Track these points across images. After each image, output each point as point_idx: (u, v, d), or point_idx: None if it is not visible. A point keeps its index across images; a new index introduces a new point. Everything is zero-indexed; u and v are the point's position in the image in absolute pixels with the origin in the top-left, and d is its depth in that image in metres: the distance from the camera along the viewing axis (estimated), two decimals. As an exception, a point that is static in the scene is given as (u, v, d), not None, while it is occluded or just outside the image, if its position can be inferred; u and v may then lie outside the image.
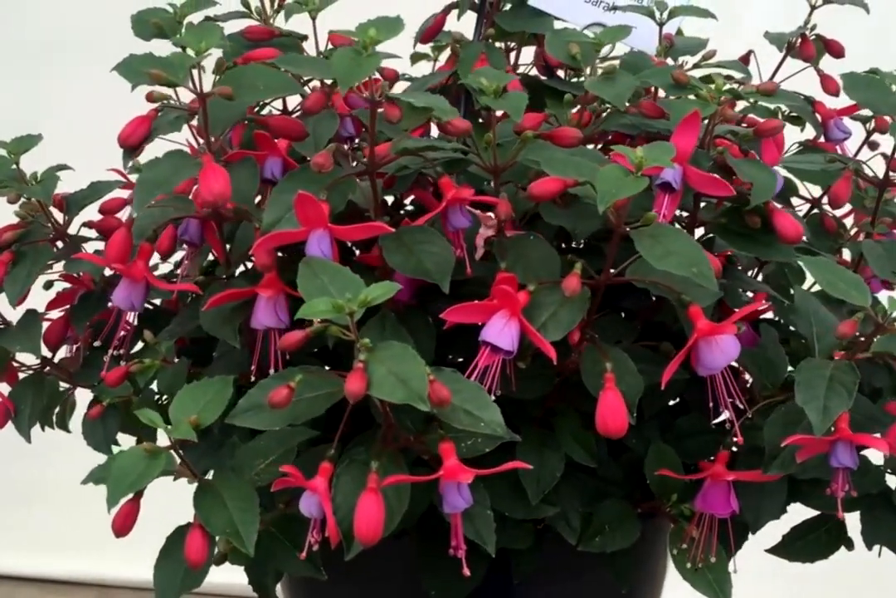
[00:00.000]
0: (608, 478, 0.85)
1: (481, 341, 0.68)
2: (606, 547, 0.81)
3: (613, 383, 0.70)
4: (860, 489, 0.83)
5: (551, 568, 0.86)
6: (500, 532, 0.79)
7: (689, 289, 0.73)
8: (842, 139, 0.99)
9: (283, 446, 0.71)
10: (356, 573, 0.86)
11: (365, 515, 0.62)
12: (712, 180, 0.73)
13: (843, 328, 0.71)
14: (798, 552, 0.91)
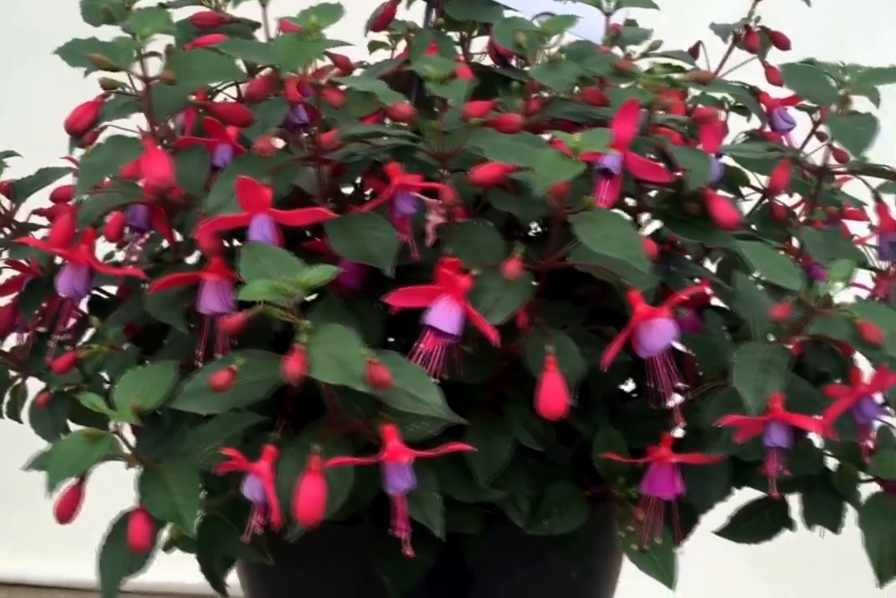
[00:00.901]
0: (557, 462, 0.86)
1: (425, 324, 0.69)
2: (554, 530, 0.82)
3: (554, 365, 0.71)
4: (800, 471, 0.85)
5: (504, 552, 0.87)
6: (450, 517, 0.80)
7: (629, 273, 0.74)
8: (786, 129, 1.00)
9: (230, 431, 0.72)
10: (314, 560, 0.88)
11: (305, 496, 0.62)
12: (650, 166, 0.74)
13: (776, 312, 0.72)
14: (743, 533, 0.92)
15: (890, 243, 0.87)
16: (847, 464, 0.87)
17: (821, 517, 0.88)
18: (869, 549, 0.82)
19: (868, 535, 0.82)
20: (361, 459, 0.66)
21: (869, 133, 0.81)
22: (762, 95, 0.99)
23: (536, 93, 0.85)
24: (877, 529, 0.83)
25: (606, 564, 0.93)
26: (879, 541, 0.82)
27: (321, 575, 0.91)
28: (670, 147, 0.76)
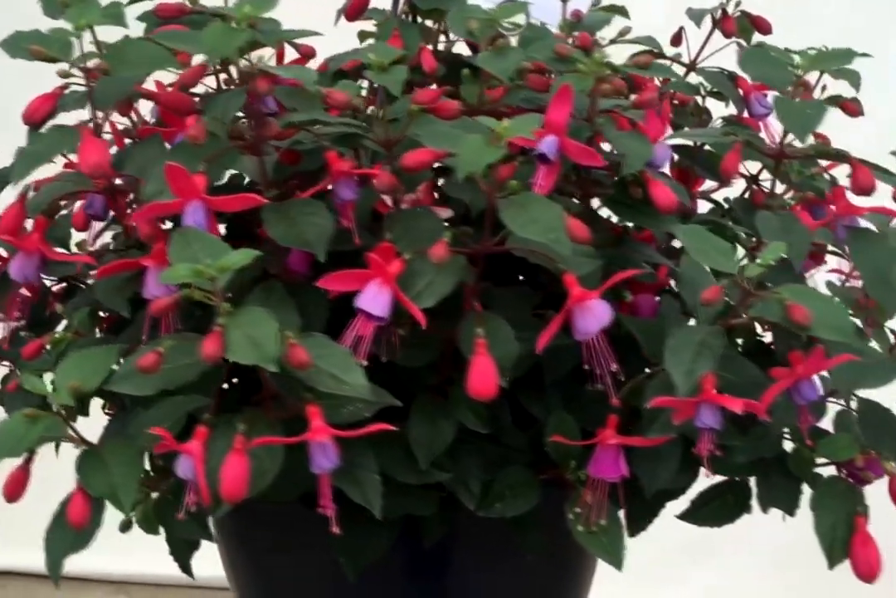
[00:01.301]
0: (513, 446, 0.87)
1: (356, 307, 0.70)
2: (506, 513, 0.83)
3: (484, 348, 0.72)
4: (755, 454, 0.85)
5: (461, 534, 0.88)
6: (404, 499, 0.82)
7: (570, 259, 0.75)
8: (764, 114, 1.00)
9: (176, 413, 0.73)
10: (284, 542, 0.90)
11: (228, 475, 0.64)
12: (586, 151, 0.75)
13: (706, 295, 0.73)
14: (705, 517, 0.92)
15: (845, 227, 0.87)
16: (802, 447, 0.87)
17: (777, 501, 0.88)
18: (820, 531, 0.82)
19: (819, 517, 0.82)
20: (285, 438, 0.67)
21: (816, 117, 0.81)
22: (739, 81, 0.99)
23: (488, 80, 0.86)
24: (829, 511, 0.83)
25: (567, 546, 0.93)
26: (832, 522, 0.82)
27: (290, 557, 0.93)
28: (610, 133, 0.77)
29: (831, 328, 0.71)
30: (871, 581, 0.80)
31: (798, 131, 0.81)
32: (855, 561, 0.80)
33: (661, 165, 0.83)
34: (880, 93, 1.43)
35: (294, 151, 0.81)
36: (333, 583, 0.88)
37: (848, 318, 0.72)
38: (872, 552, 0.80)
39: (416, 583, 0.93)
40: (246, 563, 0.96)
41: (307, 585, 0.93)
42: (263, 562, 0.94)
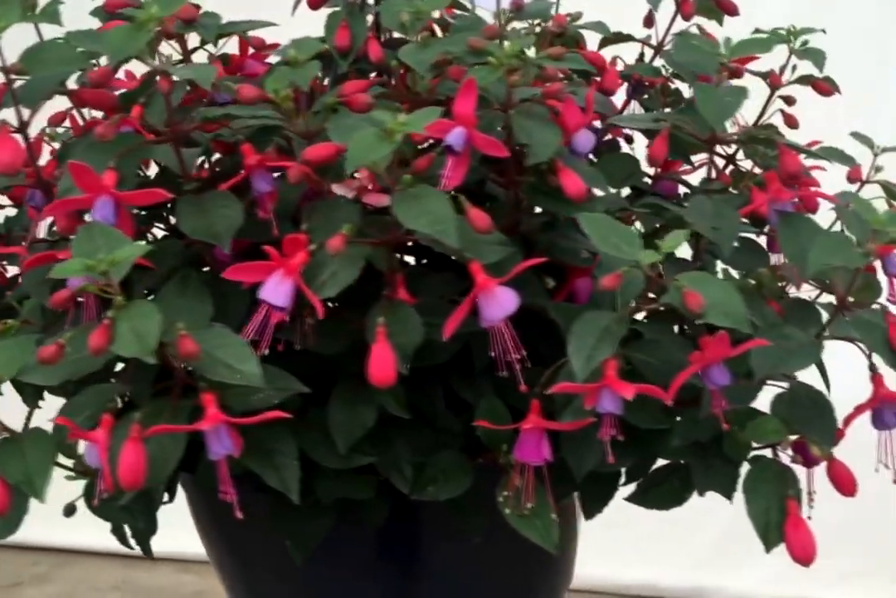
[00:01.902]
0: (447, 430, 0.89)
1: (258, 298, 0.73)
2: (439, 496, 0.85)
3: (384, 336, 0.73)
4: (690, 436, 0.85)
5: (403, 517, 0.90)
6: (341, 483, 0.85)
7: (475, 246, 0.76)
8: None
9: (98, 401, 0.76)
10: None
11: (123, 463, 0.67)
12: (491, 143, 0.76)
13: (604, 282, 0.73)
14: (653, 500, 0.93)
15: (777, 212, 0.86)
16: (735, 429, 0.87)
17: (715, 484, 0.88)
18: (753, 514, 0.82)
19: (751, 500, 0.82)
20: (179, 426, 0.70)
21: (733, 105, 0.81)
22: None
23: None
24: (761, 494, 0.82)
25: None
26: (765, 507, 0.82)
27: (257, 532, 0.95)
28: (516, 121, 0.77)
29: (724, 315, 0.71)
30: (806, 565, 0.80)
31: (713, 119, 0.81)
32: (790, 545, 0.80)
33: (583, 153, 0.83)
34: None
35: (221, 142, 0.83)
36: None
37: (741, 304, 0.72)
38: (806, 535, 0.80)
39: (379, 563, 0.95)
40: (219, 537, 0.99)
41: (278, 558, 0.96)
42: (235, 537, 0.97)
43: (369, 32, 0.93)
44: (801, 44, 1.03)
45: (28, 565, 1.75)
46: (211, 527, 1.00)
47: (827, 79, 1.07)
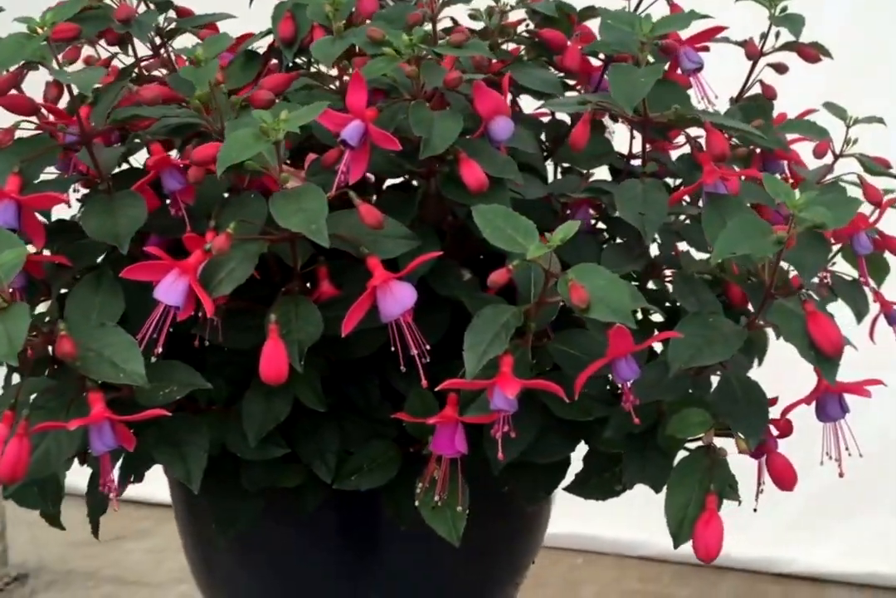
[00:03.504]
0: (383, 420, 0.89)
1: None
2: (361, 485, 0.86)
3: (276, 333, 0.74)
4: (623, 429, 0.84)
5: (337, 504, 0.91)
6: (271, 471, 0.86)
7: (377, 242, 0.76)
8: (693, 69, 0.96)
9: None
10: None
11: (4, 459, 0.69)
12: (386, 137, 0.75)
13: (493, 277, 0.72)
14: (591, 490, 0.92)
15: (707, 194, 0.83)
16: (670, 421, 0.85)
17: (646, 476, 0.86)
18: (669, 511, 0.80)
19: (671, 495, 0.80)
20: (61, 423, 0.72)
21: (645, 86, 0.78)
22: (670, 35, 0.96)
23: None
24: (684, 488, 0.80)
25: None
26: (684, 502, 0.80)
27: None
28: (416, 114, 0.76)
29: (608, 309, 0.70)
30: (707, 562, 0.78)
31: (623, 101, 0.78)
32: (695, 541, 0.78)
33: (501, 140, 0.82)
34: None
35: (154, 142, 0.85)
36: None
37: (626, 298, 0.70)
38: (714, 533, 0.78)
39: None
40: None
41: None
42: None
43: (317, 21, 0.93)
44: (780, 10, 0.99)
45: (135, 519, 1.82)
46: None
47: (814, 44, 1.02)
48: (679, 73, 0.96)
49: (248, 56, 0.95)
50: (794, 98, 1.05)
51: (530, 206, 0.86)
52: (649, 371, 0.80)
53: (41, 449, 0.73)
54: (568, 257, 0.78)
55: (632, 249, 0.89)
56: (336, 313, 0.78)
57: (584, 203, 0.95)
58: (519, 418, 0.78)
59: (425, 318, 0.79)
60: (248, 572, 0.97)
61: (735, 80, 1.05)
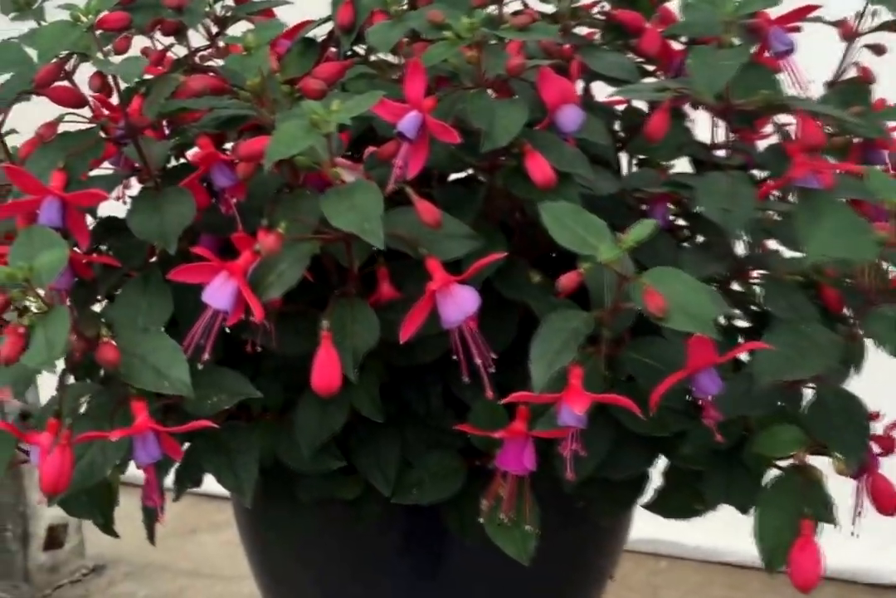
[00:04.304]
0: (446, 430, 0.84)
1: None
2: (422, 499, 0.81)
3: (329, 340, 0.69)
4: (704, 444, 0.77)
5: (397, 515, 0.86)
6: (327, 482, 0.81)
7: (437, 242, 0.70)
8: (783, 51, 0.89)
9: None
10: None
11: (45, 470, 0.66)
12: (443, 128, 0.69)
13: (563, 281, 0.66)
14: (672, 508, 0.85)
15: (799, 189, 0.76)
16: (758, 438, 0.78)
17: (732, 496, 0.80)
18: (761, 535, 0.73)
19: (762, 518, 0.74)
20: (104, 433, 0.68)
21: (728, 70, 0.71)
22: (758, 15, 0.89)
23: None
24: (775, 511, 0.74)
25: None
26: (777, 526, 0.73)
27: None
28: (475, 104, 0.70)
29: (687, 317, 0.63)
30: (806, 592, 0.71)
31: (704, 86, 0.71)
32: (792, 569, 0.71)
33: (569, 131, 0.76)
34: None
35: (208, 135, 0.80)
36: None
37: (708, 305, 0.63)
38: (812, 560, 0.71)
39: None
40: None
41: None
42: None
43: (376, 7, 0.88)
44: (877, -13, 0.91)
45: (210, 512, 1.81)
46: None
47: (913, 20, 0.94)
48: (768, 56, 0.89)
49: (306, 44, 0.90)
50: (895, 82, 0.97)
51: (602, 202, 0.80)
52: (734, 383, 0.73)
53: (85, 460, 0.69)
54: (644, 258, 0.72)
55: (715, 249, 0.83)
56: (397, 317, 0.73)
57: (663, 198, 0.88)
58: (590, 432, 0.72)
59: (491, 323, 0.74)
60: (307, 577, 0.93)
61: (829, 63, 0.97)
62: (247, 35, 0.75)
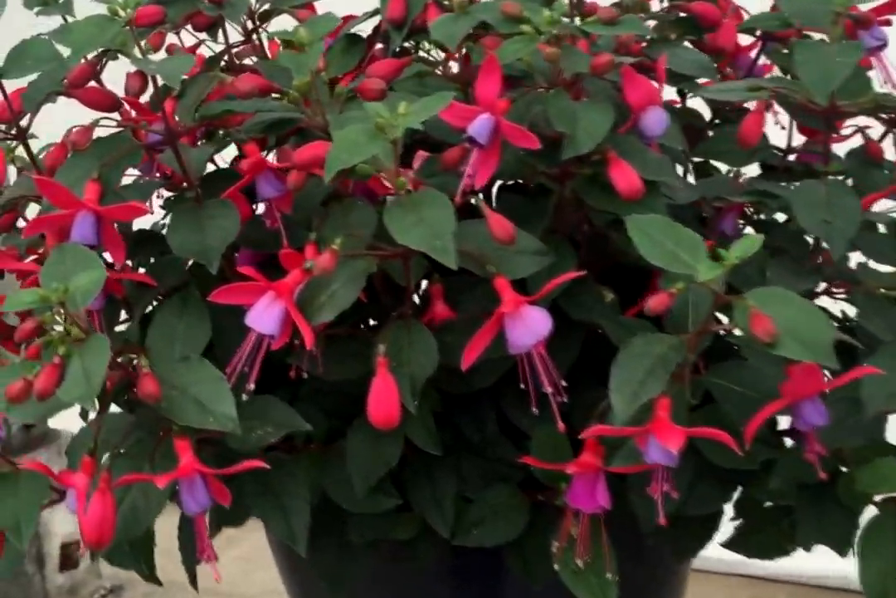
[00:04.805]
0: (504, 460, 0.76)
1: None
2: (485, 541, 0.73)
3: (385, 368, 0.62)
4: (793, 477, 0.70)
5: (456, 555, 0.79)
6: (381, 522, 0.74)
7: (506, 258, 0.64)
8: (876, 47, 0.81)
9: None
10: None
11: (87, 520, 0.58)
12: (520, 132, 0.62)
13: (653, 304, 0.59)
14: (755, 547, 0.78)
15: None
16: (856, 471, 0.71)
17: (825, 535, 0.72)
18: (866, 579, 0.67)
19: (865, 562, 0.67)
20: (148, 476, 0.61)
21: (842, 68, 0.64)
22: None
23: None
24: (878, 554, 0.67)
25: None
26: (883, 570, 0.67)
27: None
28: (556, 105, 0.63)
29: (801, 345, 0.56)
30: None
31: (816, 87, 0.64)
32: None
33: (653, 136, 0.69)
34: None
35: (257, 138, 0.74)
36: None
37: (825, 331, 0.56)
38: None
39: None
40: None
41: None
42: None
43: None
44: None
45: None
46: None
47: None
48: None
49: (351, 40, 0.83)
50: None
51: (672, 211, 0.73)
52: (831, 409, 0.66)
53: (127, 504, 0.62)
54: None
55: (802, 263, 0.76)
56: (452, 339, 0.67)
57: (736, 207, 0.81)
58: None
59: (553, 343, 0.67)
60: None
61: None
62: (299, 30, 0.68)
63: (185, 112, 0.73)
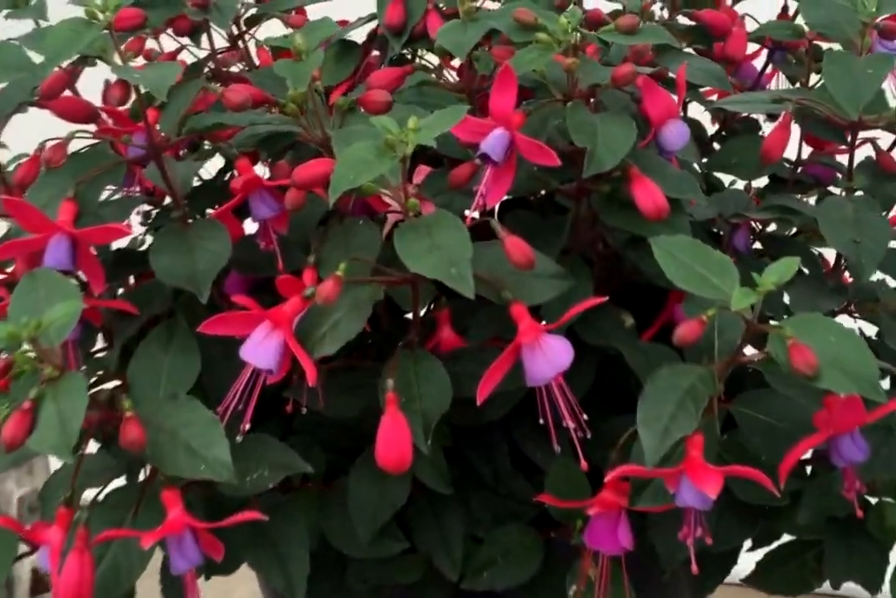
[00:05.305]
0: (516, 496, 0.72)
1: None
2: (496, 584, 0.68)
3: (395, 405, 0.57)
4: (821, 511, 0.66)
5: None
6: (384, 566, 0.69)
7: (523, 283, 0.59)
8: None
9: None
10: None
11: (62, 583, 0.53)
12: (538, 148, 0.58)
13: (683, 333, 0.54)
14: (777, 582, 0.74)
15: None
16: (887, 504, 0.67)
17: (855, 570, 0.68)
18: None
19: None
20: (130, 532, 0.55)
21: (872, 81, 0.60)
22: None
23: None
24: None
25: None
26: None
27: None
28: (575, 119, 0.59)
29: (845, 377, 0.51)
30: None
31: (846, 100, 0.60)
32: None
33: (674, 150, 0.64)
34: None
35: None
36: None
37: (869, 362, 0.52)
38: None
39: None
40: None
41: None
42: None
43: (428, 4, 0.76)
44: None
45: None
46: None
47: None
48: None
49: (344, 47, 0.78)
50: None
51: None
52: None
53: (107, 562, 0.56)
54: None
55: (824, 281, 0.72)
56: (459, 368, 0.62)
57: (746, 223, 0.77)
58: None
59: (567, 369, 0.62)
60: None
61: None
62: (295, 37, 0.63)
63: (168, 123, 0.67)
